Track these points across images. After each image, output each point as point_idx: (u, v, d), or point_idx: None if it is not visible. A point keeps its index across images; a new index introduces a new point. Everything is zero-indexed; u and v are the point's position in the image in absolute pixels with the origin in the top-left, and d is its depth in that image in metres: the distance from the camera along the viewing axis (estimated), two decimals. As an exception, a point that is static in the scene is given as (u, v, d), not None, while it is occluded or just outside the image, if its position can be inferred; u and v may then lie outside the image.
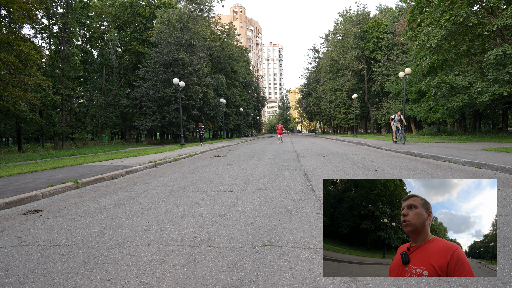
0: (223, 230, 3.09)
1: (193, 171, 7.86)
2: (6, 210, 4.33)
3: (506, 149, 9.40)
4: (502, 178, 5.48)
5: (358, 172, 6.68)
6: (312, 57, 59.48)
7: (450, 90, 16.48)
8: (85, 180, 6.24)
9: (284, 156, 11.26)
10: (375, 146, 14.49)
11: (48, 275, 2.22)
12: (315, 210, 3.71)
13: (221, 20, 54.31)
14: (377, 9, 50.22)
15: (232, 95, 47.50)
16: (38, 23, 27.09)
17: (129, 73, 37.65)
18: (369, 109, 44.69)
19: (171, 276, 2.14)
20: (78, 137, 36.43)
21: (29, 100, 19.50)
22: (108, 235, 3.07)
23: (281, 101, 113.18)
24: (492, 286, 1.87)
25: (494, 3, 14.13)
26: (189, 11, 33.46)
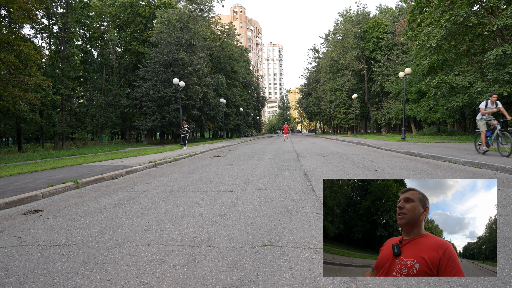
0: (223, 230, 3.09)
1: (193, 171, 7.86)
2: (6, 210, 4.33)
3: (506, 149, 9.38)
4: (502, 178, 5.48)
5: (358, 172, 6.68)
6: (312, 57, 59.55)
7: (450, 90, 16.48)
8: (85, 180, 6.24)
9: (284, 156, 11.26)
10: (375, 146, 14.49)
11: (48, 275, 2.22)
12: (315, 210, 3.71)
13: (221, 20, 54.34)
14: (377, 9, 50.21)
15: (232, 95, 47.51)
16: (38, 23, 27.11)
17: (129, 73, 37.66)
18: (369, 109, 44.69)
19: (171, 276, 2.14)
20: (78, 137, 36.44)
21: (29, 100, 19.50)
22: (108, 235, 3.07)
23: (281, 101, 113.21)
24: (492, 286, 1.87)
25: (494, 3, 14.13)
26: (189, 11, 33.47)
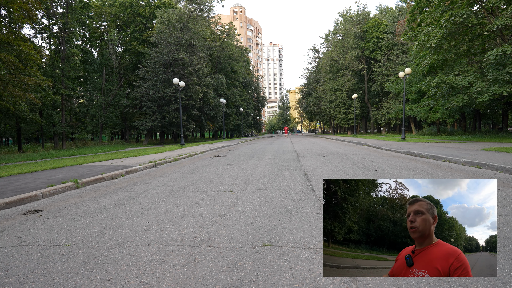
0: (223, 230, 3.09)
1: (193, 171, 7.86)
2: (6, 210, 4.33)
3: (506, 149, 9.40)
4: (502, 178, 5.48)
5: (358, 172, 6.68)
6: (312, 57, 59.53)
7: (450, 90, 16.47)
8: (85, 180, 6.24)
9: (284, 156, 11.26)
10: (375, 146, 14.49)
11: (48, 275, 2.22)
12: (315, 210, 3.71)
13: (221, 20, 54.31)
14: (377, 9, 50.23)
15: (232, 95, 47.48)
16: (38, 23, 27.07)
17: (129, 73, 37.63)
18: (369, 109, 44.69)
19: (171, 276, 2.14)
20: (78, 137, 36.40)
21: (29, 100, 19.47)
22: (108, 235, 3.07)
23: (281, 101, 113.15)
24: (492, 286, 1.87)
25: (494, 3, 14.13)
26: (189, 11, 33.45)
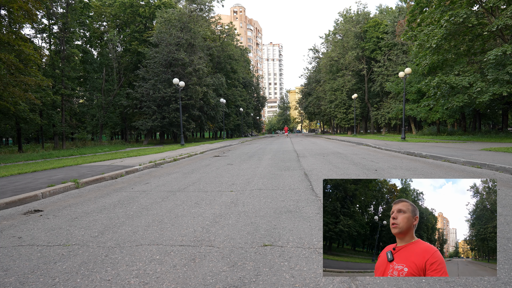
0: (223, 230, 3.09)
1: (193, 171, 7.86)
2: (6, 210, 4.33)
3: (506, 149, 9.40)
4: (502, 178, 5.48)
5: (358, 172, 6.68)
6: (312, 57, 59.50)
7: (450, 90, 16.47)
8: (85, 180, 6.24)
9: (284, 156, 11.26)
10: (375, 146, 14.49)
11: (48, 275, 2.22)
12: (315, 210, 3.71)
13: (221, 20, 54.28)
14: (377, 9, 50.24)
15: (232, 95, 47.48)
16: (38, 23, 27.07)
17: (129, 73, 37.63)
18: (369, 109, 44.68)
19: (171, 276, 2.14)
20: (78, 137, 36.39)
21: (29, 100, 19.47)
22: (108, 235, 3.07)
23: (281, 101, 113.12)
24: (492, 286, 1.87)
25: (494, 3, 14.13)
26: (189, 11, 33.45)
